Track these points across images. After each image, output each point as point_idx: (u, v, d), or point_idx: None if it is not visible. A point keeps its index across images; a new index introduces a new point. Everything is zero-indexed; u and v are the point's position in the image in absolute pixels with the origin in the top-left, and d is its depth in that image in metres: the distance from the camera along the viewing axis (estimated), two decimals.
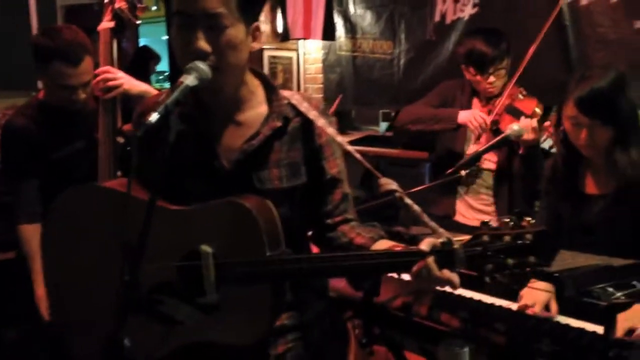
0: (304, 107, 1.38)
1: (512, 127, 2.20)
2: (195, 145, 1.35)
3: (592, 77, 1.77)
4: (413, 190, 2.27)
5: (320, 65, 4.64)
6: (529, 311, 1.70)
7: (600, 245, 1.81)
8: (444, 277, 1.19)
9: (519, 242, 1.14)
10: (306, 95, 1.45)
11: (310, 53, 4.68)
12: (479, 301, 1.77)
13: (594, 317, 1.64)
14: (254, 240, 1.24)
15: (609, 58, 2.96)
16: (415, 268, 1.20)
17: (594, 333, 1.54)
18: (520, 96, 2.57)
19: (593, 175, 1.88)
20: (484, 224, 1.19)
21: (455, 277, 1.20)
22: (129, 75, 2.19)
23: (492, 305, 1.76)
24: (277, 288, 1.29)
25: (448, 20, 3.67)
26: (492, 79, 2.55)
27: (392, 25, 4.00)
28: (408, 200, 1.31)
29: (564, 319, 1.65)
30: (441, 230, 1.25)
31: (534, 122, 2.30)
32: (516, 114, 2.47)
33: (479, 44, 2.54)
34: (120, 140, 2.23)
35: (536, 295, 1.75)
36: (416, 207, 1.31)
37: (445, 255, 1.19)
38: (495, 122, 2.51)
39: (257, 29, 1.32)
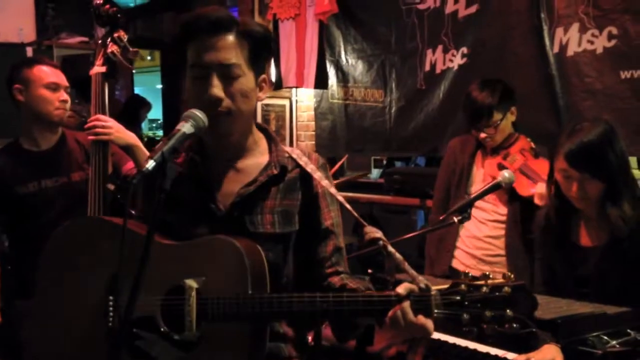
0: (303, 160, 1.44)
1: (504, 174, 2.21)
2: (195, 188, 1.40)
3: (581, 131, 1.78)
4: (405, 237, 2.26)
5: (312, 112, 4.70)
6: None
7: (593, 297, 1.80)
8: (418, 322, 1.19)
9: (497, 294, 1.13)
10: (306, 150, 1.52)
11: (302, 101, 4.75)
12: (474, 350, 1.74)
13: None
14: (238, 278, 1.25)
15: (595, 107, 3.02)
16: (391, 312, 1.20)
17: None
18: (533, 153, 2.54)
19: (586, 227, 1.88)
20: (465, 274, 1.19)
21: (429, 323, 1.20)
22: (121, 122, 2.21)
23: (487, 354, 1.74)
24: (258, 330, 1.29)
25: (438, 70, 3.75)
26: (482, 135, 2.54)
27: (383, 75, 4.08)
28: (391, 248, 1.33)
29: None
30: (420, 277, 1.26)
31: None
32: (531, 176, 2.45)
33: (473, 97, 2.54)
34: (111, 187, 2.24)
35: (543, 352, 1.72)
36: (398, 255, 1.33)
37: (421, 300, 1.19)
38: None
39: (264, 80, 1.42)
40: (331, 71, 4.39)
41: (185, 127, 1.23)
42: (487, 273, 1.18)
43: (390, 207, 3.21)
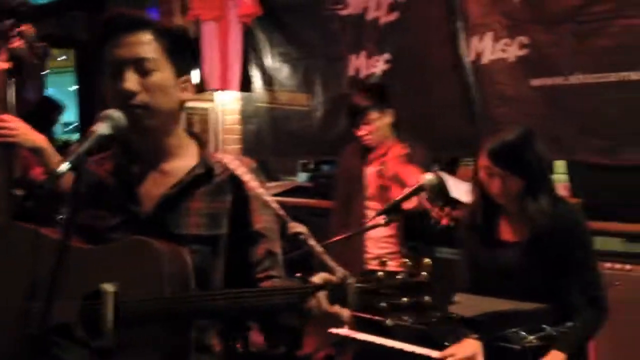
0: (233, 164, 1.43)
1: (425, 177, 2.30)
2: (119, 192, 1.37)
3: (503, 132, 1.95)
4: (333, 240, 2.29)
5: (237, 116, 4.66)
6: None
7: (517, 290, 1.91)
8: (333, 311, 1.20)
9: (414, 280, 1.12)
10: (238, 155, 1.51)
11: (227, 104, 4.69)
12: (400, 350, 1.79)
13: None
14: (158, 280, 1.23)
15: (508, 114, 3.18)
16: (308, 303, 1.20)
17: None
18: (406, 159, 2.69)
19: (509, 222, 2.00)
20: (382, 262, 1.19)
21: (345, 312, 1.20)
22: (31, 124, 2.09)
23: (412, 353, 1.79)
24: (181, 337, 1.27)
25: (362, 74, 3.82)
26: (360, 132, 2.71)
27: (309, 79, 4.11)
28: (312, 241, 1.33)
29: None
30: (340, 269, 1.24)
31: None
32: (402, 184, 2.57)
33: (352, 100, 2.77)
34: (19, 192, 2.12)
35: (463, 347, 1.80)
36: (319, 248, 1.32)
37: (337, 289, 1.19)
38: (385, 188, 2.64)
39: (188, 80, 1.40)
40: (256, 74, 4.37)
41: (101, 128, 1.21)
42: (406, 260, 1.17)
43: (317, 211, 3.23)
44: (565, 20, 2.98)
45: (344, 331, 1.93)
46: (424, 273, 1.12)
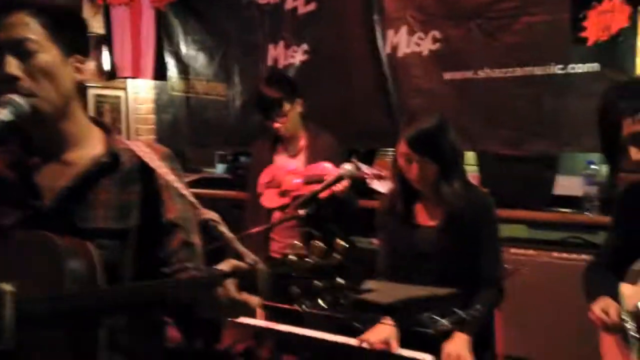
0: (143, 151, 1.35)
1: (345, 167, 2.33)
2: (17, 185, 1.28)
3: (420, 121, 2.03)
4: (253, 230, 2.27)
5: (151, 105, 4.51)
6: (366, 345, 1.78)
7: (433, 273, 1.98)
8: (242, 299, 1.14)
9: (326, 262, 1.10)
10: (150, 142, 1.43)
11: (139, 92, 4.53)
12: (322, 340, 1.81)
13: (425, 345, 1.76)
14: (60, 277, 1.17)
15: (423, 106, 3.27)
16: (217, 291, 1.14)
17: None
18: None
19: (425, 207, 2.09)
20: (294, 245, 1.15)
21: (253, 299, 1.15)
22: None
23: (331, 342, 1.81)
24: (85, 336, 1.21)
25: (280, 65, 3.80)
26: (276, 125, 2.73)
27: (226, 68, 4.04)
28: (222, 228, 1.29)
29: (398, 350, 1.75)
30: (250, 254, 1.19)
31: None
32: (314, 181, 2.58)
33: (263, 93, 2.75)
34: None
35: (377, 332, 1.85)
36: (229, 234, 1.29)
37: (247, 276, 1.14)
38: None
39: (79, 60, 1.31)
40: (170, 62, 4.24)
41: (3, 115, 1.13)
42: (318, 243, 1.13)
43: (236, 203, 3.19)
44: (474, 16, 3.10)
45: (263, 323, 1.92)
46: (337, 255, 1.10)
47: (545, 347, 2.71)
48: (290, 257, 1.12)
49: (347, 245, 1.12)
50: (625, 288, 1.63)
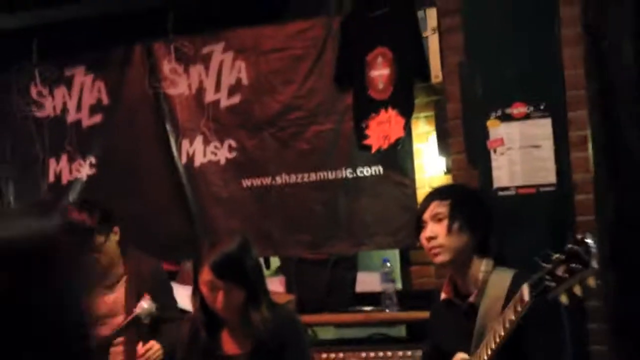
0: None
1: (142, 306, 2.09)
2: None
3: (221, 243, 1.90)
4: None
5: None
6: None
7: None
8: None
9: None
10: None
11: None
12: None
13: None
14: None
15: (224, 213, 3.23)
16: None
17: None
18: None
19: (232, 335, 1.92)
20: None
21: None
22: None
23: None
24: None
25: (64, 180, 3.49)
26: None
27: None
28: None
29: None
30: None
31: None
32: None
33: (72, 219, 2.35)
34: None
35: None
36: None
37: None
38: None
39: None
40: None
41: None
42: None
43: None
44: (267, 126, 3.21)
45: None
46: None
47: None
48: None
49: None
50: None
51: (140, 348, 2.14)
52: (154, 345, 2.13)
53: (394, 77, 2.98)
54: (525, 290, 1.48)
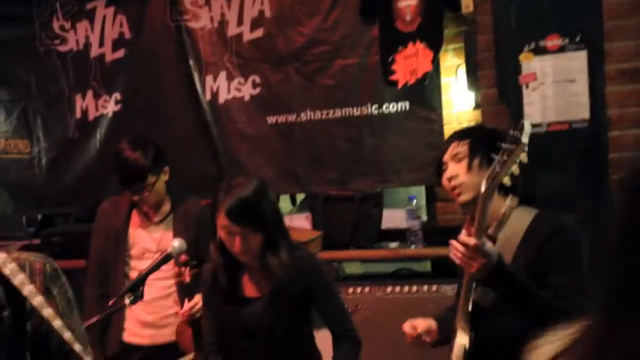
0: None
1: (173, 245, 2.11)
2: None
3: (237, 187, 1.84)
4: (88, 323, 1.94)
5: None
6: None
7: (260, 350, 1.86)
8: None
9: None
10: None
11: None
12: None
13: None
14: None
15: (250, 151, 3.22)
16: None
17: None
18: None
19: (251, 279, 1.94)
20: None
21: None
22: None
23: None
24: None
25: (91, 117, 3.50)
26: (136, 197, 2.38)
27: (27, 123, 3.62)
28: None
29: None
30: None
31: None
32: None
33: (125, 158, 2.34)
34: None
35: None
36: (58, 322, 1.15)
37: None
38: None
39: None
40: None
41: None
42: None
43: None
44: (291, 61, 3.13)
45: None
46: None
47: None
48: None
49: None
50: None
51: (187, 303, 2.18)
52: (200, 302, 2.16)
53: (422, 7, 2.85)
54: (483, 185, 1.53)
